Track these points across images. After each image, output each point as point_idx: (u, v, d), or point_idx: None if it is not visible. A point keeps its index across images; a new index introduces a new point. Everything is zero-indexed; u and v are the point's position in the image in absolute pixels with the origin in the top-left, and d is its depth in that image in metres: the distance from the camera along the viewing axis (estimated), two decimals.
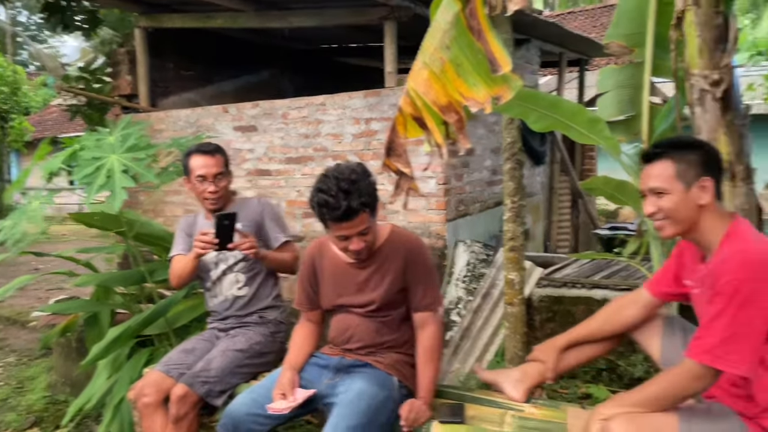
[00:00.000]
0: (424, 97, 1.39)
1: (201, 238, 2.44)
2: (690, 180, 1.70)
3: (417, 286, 2.21)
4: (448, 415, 2.08)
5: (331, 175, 2.03)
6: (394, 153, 1.42)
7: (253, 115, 5.04)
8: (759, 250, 1.61)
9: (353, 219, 2.01)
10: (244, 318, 2.70)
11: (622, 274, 4.29)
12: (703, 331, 1.64)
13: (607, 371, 3.69)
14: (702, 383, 1.64)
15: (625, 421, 1.66)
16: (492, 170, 5.27)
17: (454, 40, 1.39)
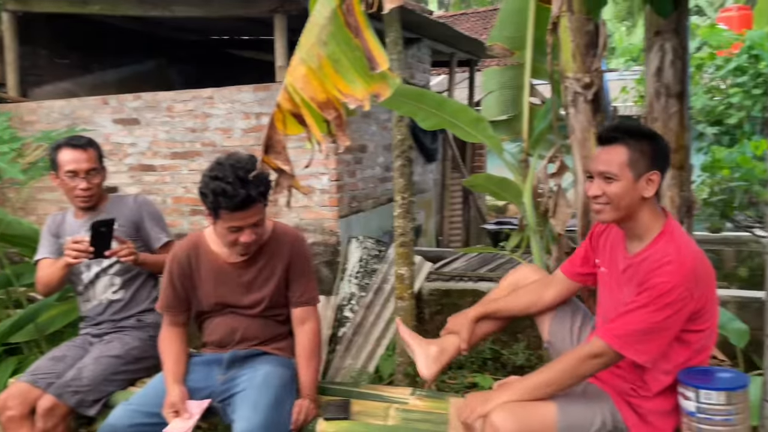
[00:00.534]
0: (302, 93, 1.37)
1: (74, 246, 2.24)
2: (640, 170, 1.72)
3: (298, 282, 2.19)
4: (332, 412, 2.09)
5: (226, 163, 1.96)
6: (273, 150, 1.39)
7: (135, 108, 4.78)
8: (692, 257, 1.68)
9: (249, 208, 1.96)
10: (120, 322, 2.55)
11: (507, 266, 4.48)
12: (620, 318, 1.70)
13: (492, 360, 3.84)
14: (603, 362, 1.71)
15: (505, 410, 1.71)
16: (385, 167, 5.33)
17: (332, 36, 1.38)
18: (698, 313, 1.70)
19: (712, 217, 4.66)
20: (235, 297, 2.21)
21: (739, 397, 1.64)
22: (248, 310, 2.21)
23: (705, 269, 1.72)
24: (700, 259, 1.72)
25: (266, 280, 2.17)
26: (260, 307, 2.20)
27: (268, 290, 2.17)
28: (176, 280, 2.23)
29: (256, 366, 2.15)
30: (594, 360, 1.71)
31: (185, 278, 2.23)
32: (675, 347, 1.73)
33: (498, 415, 1.71)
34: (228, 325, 2.25)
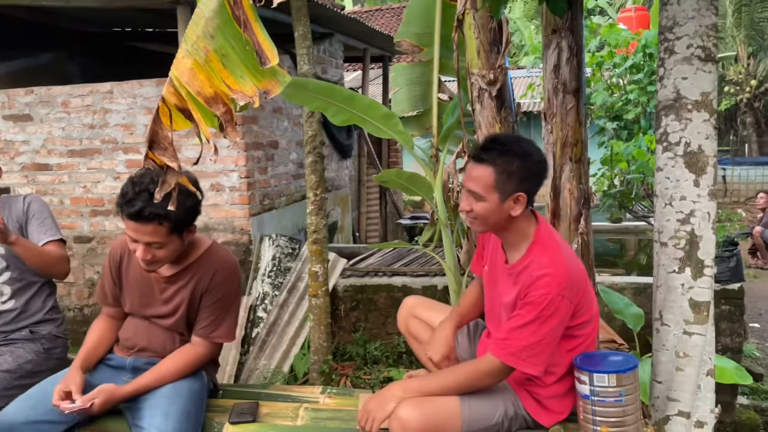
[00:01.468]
0: (189, 87, 1.31)
1: None
2: (507, 192, 1.76)
3: (205, 312, 2.07)
4: (239, 416, 2.03)
5: (151, 173, 1.84)
6: (158, 146, 1.32)
7: (27, 103, 4.47)
8: (564, 262, 1.74)
9: (144, 224, 1.85)
10: (11, 334, 2.36)
11: (420, 261, 4.55)
12: (510, 334, 1.74)
13: (407, 354, 3.88)
14: (498, 378, 1.79)
15: (411, 404, 1.74)
16: (298, 163, 5.26)
17: (219, 30, 1.33)
18: (578, 308, 1.78)
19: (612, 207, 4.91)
20: (153, 307, 2.12)
21: (629, 379, 1.73)
22: (162, 320, 2.13)
23: (577, 268, 1.80)
24: (572, 261, 1.80)
25: (183, 299, 2.08)
26: (172, 322, 2.11)
27: (182, 309, 2.08)
28: (108, 276, 2.16)
29: None
30: (491, 377, 1.79)
31: (116, 277, 2.15)
32: (563, 343, 1.81)
33: (404, 408, 1.73)
34: (139, 330, 2.16)
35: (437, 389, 1.80)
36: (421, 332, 2.19)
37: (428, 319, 2.19)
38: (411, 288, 3.96)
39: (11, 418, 1.92)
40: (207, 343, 2.09)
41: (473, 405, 1.81)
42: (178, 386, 2.02)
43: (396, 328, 3.95)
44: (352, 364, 3.88)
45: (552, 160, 2.73)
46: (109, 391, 1.92)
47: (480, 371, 1.79)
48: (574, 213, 2.72)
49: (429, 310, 2.22)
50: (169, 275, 2.08)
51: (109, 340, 2.19)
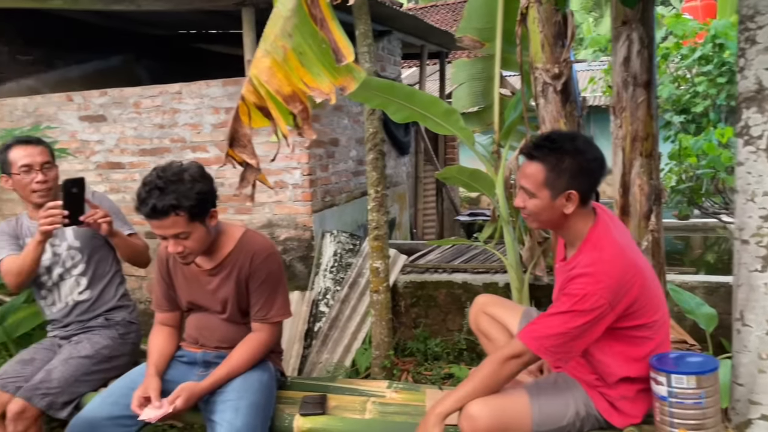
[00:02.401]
0: (267, 86, 1.35)
1: (48, 212, 2.17)
2: (558, 189, 1.73)
3: (255, 296, 2.13)
4: (309, 408, 2.07)
5: (158, 169, 1.94)
6: (238, 144, 1.36)
7: (101, 104, 4.68)
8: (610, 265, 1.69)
9: (162, 219, 1.90)
10: (88, 322, 2.49)
11: (480, 258, 4.51)
12: (541, 320, 1.74)
13: (468, 351, 3.87)
14: (522, 362, 1.74)
15: (481, 402, 1.73)
16: (357, 160, 5.31)
17: (297, 29, 1.36)
18: (631, 310, 1.72)
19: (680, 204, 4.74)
20: (205, 301, 2.19)
21: (710, 380, 1.67)
22: (217, 314, 2.19)
23: (627, 269, 1.73)
24: (623, 261, 1.73)
25: (229, 290, 2.13)
26: (227, 314, 2.17)
27: (231, 299, 2.14)
28: (161, 280, 2.24)
29: None
30: (514, 360, 1.74)
31: (167, 278, 2.23)
32: (626, 343, 1.76)
33: (474, 406, 1.72)
34: (201, 324, 2.24)
35: (471, 390, 1.76)
36: (491, 330, 2.17)
37: (499, 317, 2.18)
38: (472, 285, 3.93)
39: (93, 414, 2.02)
40: (266, 326, 2.14)
41: (543, 404, 1.79)
42: (248, 380, 2.07)
43: (456, 324, 3.97)
44: (413, 360, 3.89)
45: (621, 156, 2.67)
46: (189, 389, 1.98)
47: (503, 355, 1.75)
48: (644, 210, 2.65)
49: (500, 309, 2.20)
50: (210, 268, 2.13)
51: (172, 345, 2.25)
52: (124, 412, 2.02)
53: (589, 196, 1.80)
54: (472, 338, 3.88)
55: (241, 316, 2.18)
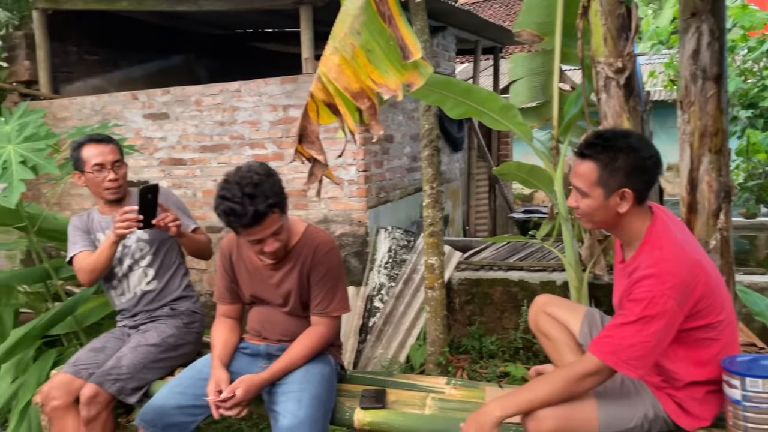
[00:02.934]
0: (336, 83, 1.37)
1: (124, 216, 2.28)
2: (612, 188, 1.70)
3: (316, 290, 2.16)
4: (369, 402, 2.09)
5: (232, 181, 1.94)
6: (306, 140, 1.39)
7: (164, 102, 4.83)
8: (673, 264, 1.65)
9: (262, 222, 1.94)
10: (154, 312, 2.60)
11: (537, 255, 4.45)
12: (612, 331, 1.68)
13: (524, 350, 3.82)
14: (599, 379, 1.70)
15: (550, 408, 1.70)
16: (412, 157, 5.31)
17: (365, 26, 1.38)
18: (697, 310, 1.67)
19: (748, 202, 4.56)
20: (267, 294, 2.24)
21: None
22: (279, 307, 2.24)
23: (691, 268, 1.67)
24: (686, 260, 1.68)
25: (292, 283, 2.18)
26: (288, 307, 2.22)
27: (294, 292, 2.19)
28: (224, 273, 2.30)
29: None
30: (590, 378, 1.69)
31: (230, 272, 2.29)
32: (691, 347, 1.71)
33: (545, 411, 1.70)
34: (263, 317, 2.29)
35: (538, 400, 1.72)
36: (552, 330, 2.14)
37: (560, 317, 2.15)
38: (528, 283, 3.89)
39: (163, 402, 2.09)
40: (326, 320, 2.17)
41: (611, 407, 1.76)
42: (310, 372, 2.11)
43: (512, 323, 3.93)
44: (467, 357, 3.88)
45: (689, 152, 2.59)
46: (248, 381, 2.03)
47: (579, 372, 1.70)
48: (712, 207, 2.57)
49: (561, 309, 2.17)
50: (275, 261, 2.17)
51: (235, 337, 2.31)
52: (191, 401, 2.09)
53: (644, 194, 1.75)
54: (528, 337, 3.84)
55: (303, 310, 2.22)
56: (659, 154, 1.77)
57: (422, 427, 1.99)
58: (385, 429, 2.05)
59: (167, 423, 2.07)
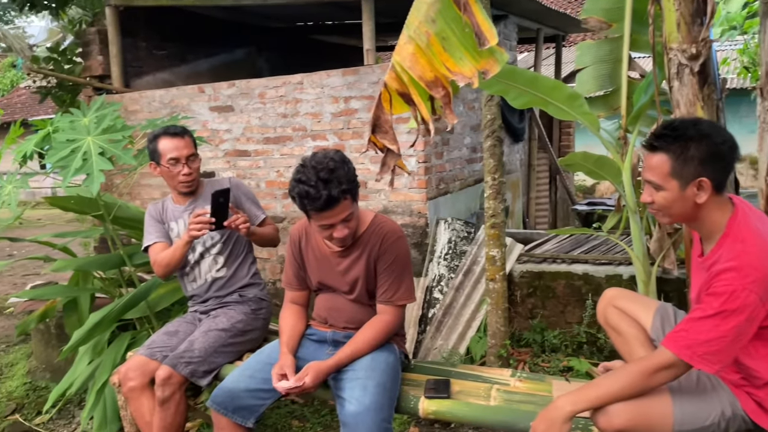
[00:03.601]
0: (410, 72, 1.37)
1: (197, 219, 2.38)
2: (687, 178, 1.65)
3: (383, 278, 2.19)
4: (434, 391, 2.10)
5: (309, 165, 2.00)
6: (380, 130, 1.40)
7: (229, 95, 4.96)
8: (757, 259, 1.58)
9: (335, 207, 1.99)
10: (224, 298, 2.68)
11: (602, 248, 4.34)
12: (689, 325, 1.63)
13: (588, 344, 3.75)
14: (673, 374, 1.64)
15: (622, 403, 1.66)
16: (471, 148, 5.27)
17: (440, 14, 1.37)
18: None
19: None
20: (334, 281, 2.28)
21: None
22: (346, 295, 2.27)
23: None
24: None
25: (360, 271, 2.22)
26: (354, 294, 2.25)
27: (361, 280, 2.22)
28: (292, 260, 2.36)
29: None
30: (664, 372, 1.64)
31: (298, 258, 2.35)
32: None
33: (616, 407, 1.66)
34: (330, 304, 2.33)
35: (609, 395, 1.68)
36: (621, 324, 2.09)
37: (630, 310, 2.09)
38: (593, 276, 3.80)
39: (233, 386, 2.17)
40: (391, 308, 2.20)
41: (686, 404, 1.71)
42: (376, 360, 2.13)
43: (576, 317, 3.85)
44: (529, 351, 3.83)
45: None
46: (315, 368, 2.07)
47: (652, 366, 1.65)
48: None
49: (631, 302, 2.11)
50: (341, 249, 2.21)
51: (302, 324, 2.37)
52: (260, 385, 2.16)
53: (722, 182, 1.69)
54: (592, 331, 3.76)
55: (368, 298, 2.25)
56: (734, 138, 1.70)
57: (487, 418, 1.98)
58: (449, 419, 2.07)
59: (237, 405, 2.14)
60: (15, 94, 20.94)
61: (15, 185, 2.96)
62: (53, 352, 4.38)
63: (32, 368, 4.59)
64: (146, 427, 2.46)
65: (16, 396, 4.29)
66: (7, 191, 2.96)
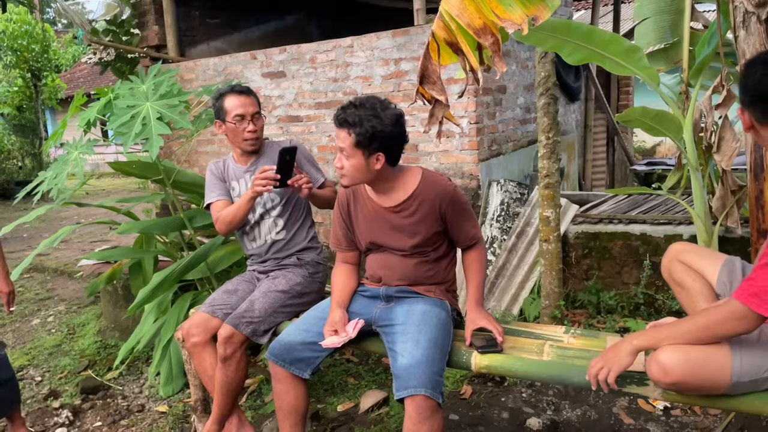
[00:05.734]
0: (458, 20, 1.35)
1: (263, 175, 2.42)
2: None
3: (455, 226, 2.26)
4: (487, 345, 2.11)
5: (373, 97, 2.11)
6: (428, 80, 1.39)
7: (281, 61, 4.99)
8: None
9: (338, 128, 2.10)
10: (282, 260, 2.74)
11: (661, 208, 4.22)
12: (755, 274, 1.57)
13: (645, 305, 3.68)
14: (744, 325, 1.58)
15: (675, 350, 1.64)
16: (525, 108, 5.16)
17: None
18: None
19: None
20: (386, 239, 2.30)
21: None
22: (398, 251, 2.30)
23: None
24: None
25: (414, 227, 2.23)
26: (408, 250, 2.27)
27: (415, 237, 2.24)
28: (341, 221, 2.40)
29: (412, 303, 2.25)
30: (733, 322, 1.58)
31: (347, 220, 2.38)
32: None
33: (667, 353, 1.64)
34: (382, 262, 2.36)
35: (675, 335, 1.66)
36: (686, 279, 2.03)
37: (696, 265, 2.01)
38: (651, 237, 3.71)
39: (290, 339, 2.24)
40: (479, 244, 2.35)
41: (746, 355, 1.66)
42: (427, 315, 2.16)
43: (633, 278, 3.78)
44: (584, 312, 3.79)
45: None
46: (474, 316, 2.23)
47: (721, 315, 1.60)
48: None
49: (697, 256, 2.04)
50: (393, 206, 2.24)
51: (354, 281, 2.42)
52: (315, 338, 2.22)
53: None
54: (650, 292, 3.68)
55: (421, 253, 2.27)
56: None
57: (541, 372, 1.98)
58: (502, 373, 2.08)
59: (294, 357, 2.21)
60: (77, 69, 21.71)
61: (81, 151, 3.09)
62: (121, 312, 4.61)
63: (102, 327, 4.85)
64: (209, 380, 2.57)
65: (88, 353, 4.54)
66: (73, 157, 3.10)
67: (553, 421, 2.84)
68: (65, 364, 4.41)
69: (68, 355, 4.57)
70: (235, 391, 2.53)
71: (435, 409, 1.95)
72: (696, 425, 2.76)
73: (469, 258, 2.35)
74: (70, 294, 6.09)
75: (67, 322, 5.24)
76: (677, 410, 2.87)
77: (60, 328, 5.16)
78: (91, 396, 3.92)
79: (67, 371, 4.30)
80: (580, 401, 3.03)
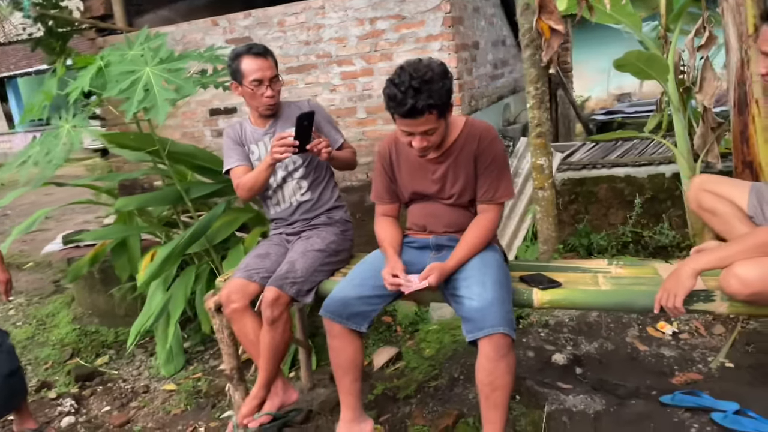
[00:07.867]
0: None
1: (281, 142, 2.37)
2: None
3: (482, 179, 2.24)
4: (546, 282, 2.18)
5: (407, 70, 2.00)
6: (545, 10, 1.40)
7: (246, 26, 4.81)
8: None
9: (417, 118, 2.01)
10: (311, 221, 2.71)
11: (633, 152, 4.44)
12: None
13: (633, 243, 3.89)
14: None
15: (750, 263, 1.74)
16: (493, 64, 5.24)
17: None
18: None
19: None
20: (430, 188, 2.31)
21: None
22: (443, 200, 2.32)
23: None
24: None
25: (455, 176, 2.25)
26: (452, 199, 2.30)
27: (458, 184, 2.26)
28: (383, 173, 2.39)
29: None
30: None
31: (389, 171, 2.38)
32: None
33: (742, 267, 1.74)
34: (427, 211, 2.37)
35: (736, 253, 1.78)
36: (717, 205, 2.16)
37: (723, 192, 2.15)
38: (635, 178, 3.91)
39: (344, 294, 2.23)
40: (493, 206, 2.26)
41: None
42: (486, 258, 2.20)
43: (619, 218, 3.98)
44: (575, 255, 3.97)
45: None
46: (440, 268, 2.13)
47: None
48: None
49: (722, 185, 2.18)
50: (438, 155, 2.24)
51: (400, 233, 2.42)
52: (370, 292, 2.22)
53: None
54: (636, 230, 3.90)
55: (466, 201, 2.30)
56: None
57: (607, 300, 2.07)
58: (566, 306, 2.16)
59: (351, 312, 2.21)
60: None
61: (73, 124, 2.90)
62: (99, 297, 4.41)
63: (78, 315, 4.62)
64: (251, 345, 2.53)
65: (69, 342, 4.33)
66: (66, 131, 2.91)
67: (575, 355, 2.99)
68: (47, 354, 4.21)
69: (46, 345, 4.36)
70: (281, 354, 2.52)
71: (510, 346, 2.01)
72: (705, 345, 2.98)
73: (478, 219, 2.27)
74: (25, 286, 5.75)
75: (33, 314, 4.96)
76: (685, 334, 3.08)
77: (27, 320, 4.89)
78: (88, 383, 3.78)
79: (51, 362, 4.11)
80: (593, 335, 3.19)
